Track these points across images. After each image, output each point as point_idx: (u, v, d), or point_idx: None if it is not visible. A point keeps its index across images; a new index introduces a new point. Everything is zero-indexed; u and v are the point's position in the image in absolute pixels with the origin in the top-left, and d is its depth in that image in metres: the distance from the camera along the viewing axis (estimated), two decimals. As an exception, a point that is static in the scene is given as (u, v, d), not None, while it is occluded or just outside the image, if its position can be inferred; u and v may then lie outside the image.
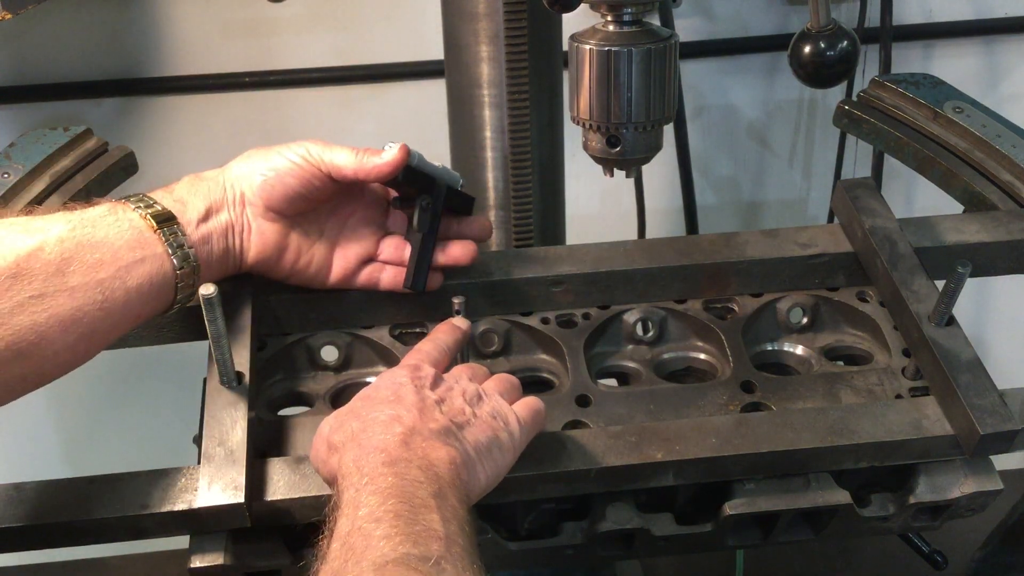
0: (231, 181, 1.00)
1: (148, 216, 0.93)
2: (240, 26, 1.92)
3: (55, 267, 0.86)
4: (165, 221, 0.94)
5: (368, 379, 1.10)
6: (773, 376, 1.07)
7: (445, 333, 0.97)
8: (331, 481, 0.83)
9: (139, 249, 0.91)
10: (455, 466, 0.81)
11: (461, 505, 0.78)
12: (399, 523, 0.73)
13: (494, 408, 0.89)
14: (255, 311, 1.04)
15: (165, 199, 0.97)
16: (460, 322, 1.00)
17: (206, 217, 0.98)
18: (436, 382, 0.88)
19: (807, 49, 1.05)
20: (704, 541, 1.01)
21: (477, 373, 0.94)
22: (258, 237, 1.01)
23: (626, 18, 1.01)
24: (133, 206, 0.94)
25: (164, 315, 0.98)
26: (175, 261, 0.94)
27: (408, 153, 1.01)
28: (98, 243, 0.89)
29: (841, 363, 1.12)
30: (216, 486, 0.89)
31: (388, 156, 1.00)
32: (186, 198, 0.98)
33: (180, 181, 1.00)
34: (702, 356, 1.12)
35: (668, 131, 1.22)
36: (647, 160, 1.08)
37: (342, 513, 0.76)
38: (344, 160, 0.99)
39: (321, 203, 1.04)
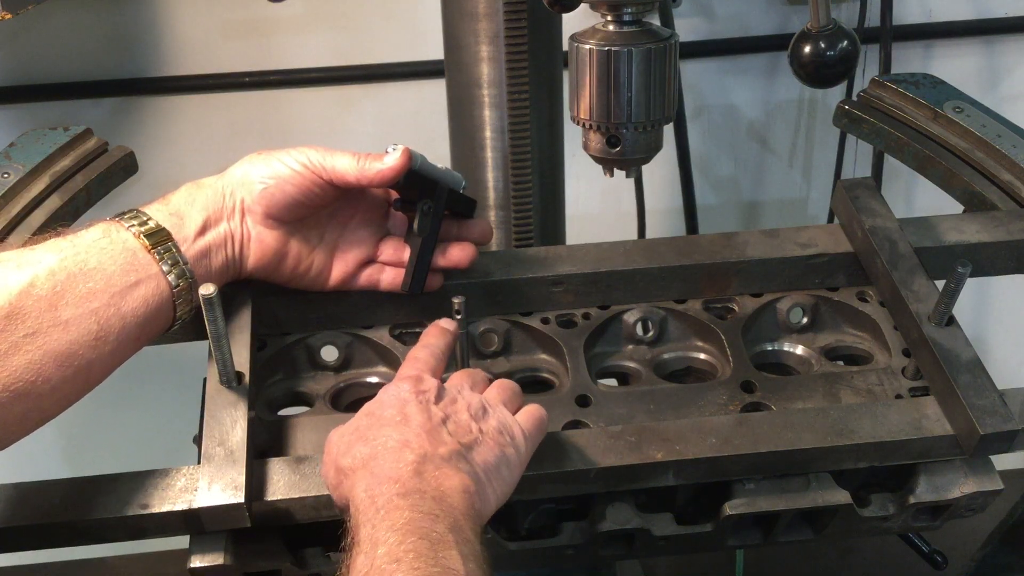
0: (230, 188, 0.99)
1: (142, 235, 0.92)
2: (240, 26, 1.92)
3: (47, 302, 0.85)
4: (160, 239, 0.93)
5: (368, 379, 1.10)
6: (773, 376, 1.07)
7: (436, 337, 0.96)
8: (343, 508, 0.83)
9: (133, 272, 0.90)
10: (469, 495, 0.79)
11: (476, 537, 0.78)
12: (419, 563, 0.71)
13: (500, 422, 0.87)
14: (255, 311, 1.04)
15: (160, 213, 0.95)
16: (447, 323, 0.99)
17: (204, 230, 0.96)
18: (440, 395, 0.87)
19: (807, 49, 1.05)
20: (704, 541, 1.01)
21: (477, 380, 0.93)
22: (257, 244, 1.00)
23: (626, 18, 1.01)
24: (127, 224, 0.92)
25: (166, 332, 0.96)
26: (171, 279, 0.92)
27: (410, 157, 1.00)
28: (90, 271, 0.88)
29: (841, 363, 1.12)
30: (216, 486, 0.89)
31: (390, 161, 0.98)
32: (183, 210, 0.96)
33: (178, 190, 0.98)
34: (702, 356, 1.12)
35: (668, 131, 1.22)
36: (647, 160, 1.08)
37: (360, 550, 0.74)
38: (345, 166, 0.98)
39: (321, 209, 1.03)
